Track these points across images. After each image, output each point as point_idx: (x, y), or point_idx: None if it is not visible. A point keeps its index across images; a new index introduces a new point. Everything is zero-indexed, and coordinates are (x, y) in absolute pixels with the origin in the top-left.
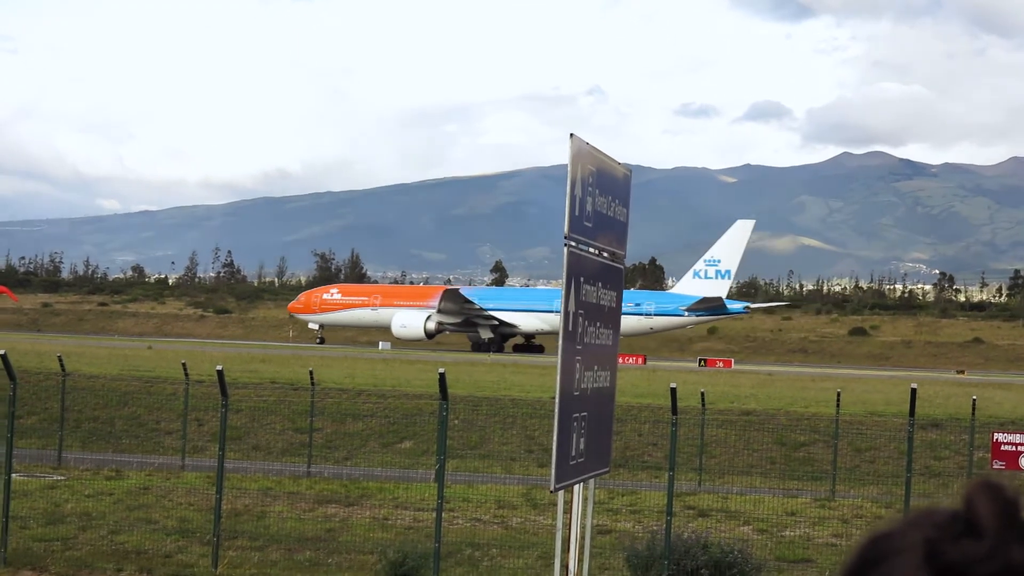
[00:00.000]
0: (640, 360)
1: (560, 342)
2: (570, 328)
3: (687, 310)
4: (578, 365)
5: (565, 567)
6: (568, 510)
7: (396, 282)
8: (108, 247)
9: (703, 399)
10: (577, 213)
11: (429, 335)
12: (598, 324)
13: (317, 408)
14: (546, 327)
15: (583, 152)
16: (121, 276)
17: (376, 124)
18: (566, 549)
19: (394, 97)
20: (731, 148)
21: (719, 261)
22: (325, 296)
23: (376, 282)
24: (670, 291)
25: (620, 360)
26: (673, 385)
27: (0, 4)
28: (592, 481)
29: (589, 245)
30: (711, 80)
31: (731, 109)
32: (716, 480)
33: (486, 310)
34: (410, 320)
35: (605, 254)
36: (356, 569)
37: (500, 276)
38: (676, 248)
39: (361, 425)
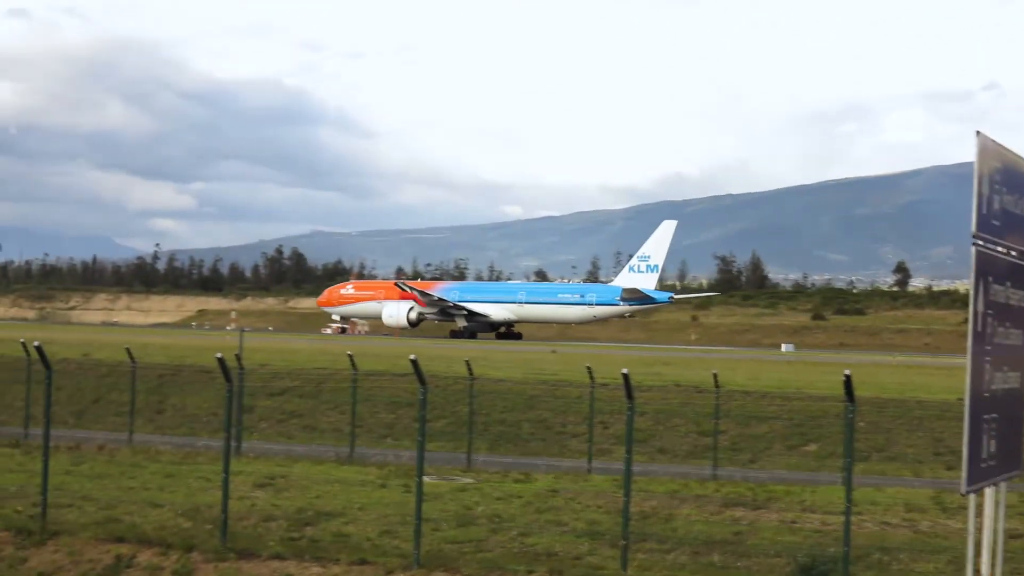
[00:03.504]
0: None
1: (969, 343)
2: (979, 329)
3: (621, 299)
4: (987, 366)
5: (977, 572)
6: (979, 513)
7: (798, 285)
8: (512, 252)
9: None
10: (984, 211)
11: (412, 324)
12: (1007, 324)
13: (722, 410)
14: (512, 316)
15: (989, 149)
16: (524, 281)
17: (773, 125)
18: (978, 553)
19: (791, 97)
20: None
21: (649, 257)
22: (343, 291)
23: (777, 285)
24: (610, 284)
25: None
26: None
27: (403, 15)
28: (1004, 484)
29: (997, 244)
30: None
31: None
32: None
33: (453, 302)
34: (396, 311)
35: (1014, 253)
36: (765, 572)
37: (903, 277)
38: None
39: (766, 427)
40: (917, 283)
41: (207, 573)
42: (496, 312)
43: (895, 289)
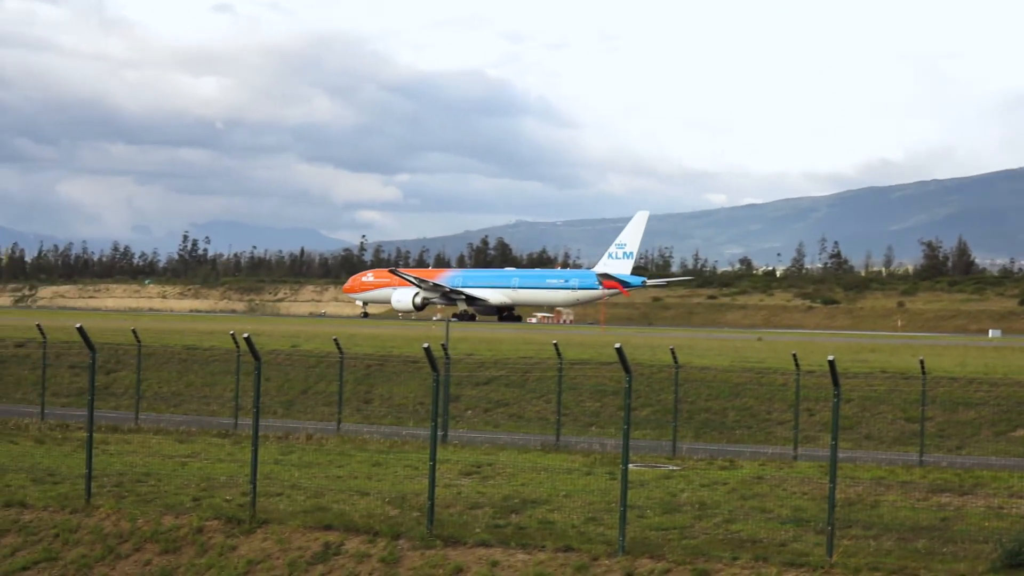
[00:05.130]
0: None
1: None
2: None
3: (598, 283)
4: None
5: None
6: None
7: (1006, 270)
8: (716, 240)
9: None
10: None
11: (417, 308)
12: None
13: (929, 397)
14: (508, 300)
15: None
16: (729, 269)
17: (980, 108)
18: None
19: (997, 79)
20: None
21: (625, 244)
22: (363, 279)
23: (984, 270)
24: (591, 269)
25: None
26: None
27: (604, 4)
28: None
29: None
30: None
31: None
32: None
33: (451, 287)
34: (403, 296)
35: None
36: (971, 558)
37: None
38: None
39: (973, 413)
40: None
41: (414, 560)
42: (493, 296)
43: None
